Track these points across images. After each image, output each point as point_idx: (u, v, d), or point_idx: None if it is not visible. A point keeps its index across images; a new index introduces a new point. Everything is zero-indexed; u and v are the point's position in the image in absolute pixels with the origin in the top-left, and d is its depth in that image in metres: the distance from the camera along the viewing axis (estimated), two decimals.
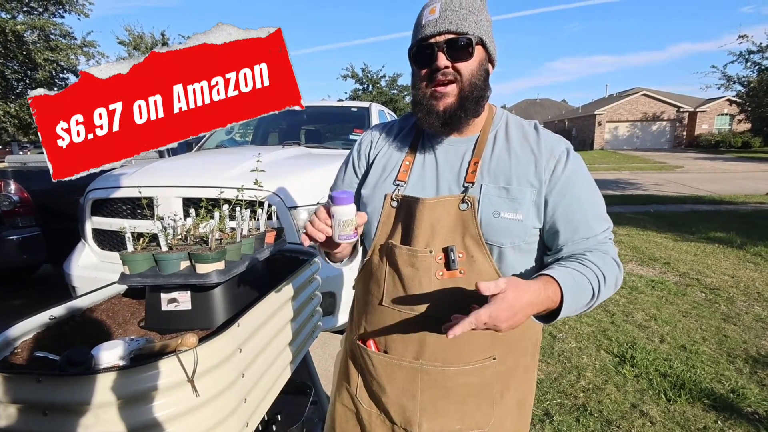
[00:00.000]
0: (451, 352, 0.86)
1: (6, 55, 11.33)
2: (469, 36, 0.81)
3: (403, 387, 0.89)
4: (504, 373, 0.90)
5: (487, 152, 0.87)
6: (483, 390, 0.88)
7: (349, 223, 0.77)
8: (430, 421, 0.88)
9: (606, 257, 0.82)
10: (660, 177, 14.03)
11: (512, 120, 0.92)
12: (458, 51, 0.82)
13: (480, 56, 0.84)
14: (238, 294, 1.04)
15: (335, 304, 2.24)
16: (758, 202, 8.49)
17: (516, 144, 0.87)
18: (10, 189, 3.15)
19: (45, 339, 0.94)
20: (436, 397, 0.88)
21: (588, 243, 0.84)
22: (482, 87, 0.85)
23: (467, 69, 0.83)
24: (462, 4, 0.82)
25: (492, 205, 0.82)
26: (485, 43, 0.84)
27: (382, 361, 0.91)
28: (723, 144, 26.88)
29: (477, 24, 0.82)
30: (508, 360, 0.90)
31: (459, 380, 0.87)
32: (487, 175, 0.85)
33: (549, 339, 2.73)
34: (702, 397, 2.07)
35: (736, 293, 3.50)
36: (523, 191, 0.83)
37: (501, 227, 0.82)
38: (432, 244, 0.83)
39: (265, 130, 4.17)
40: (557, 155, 0.85)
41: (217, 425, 0.82)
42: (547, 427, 1.89)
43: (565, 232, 0.84)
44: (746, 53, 14.59)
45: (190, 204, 2.15)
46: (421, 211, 0.84)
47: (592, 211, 0.85)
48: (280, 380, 1.15)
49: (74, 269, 2.46)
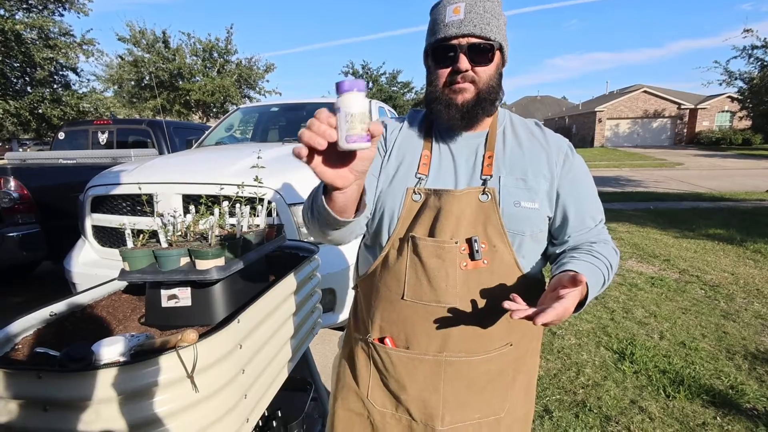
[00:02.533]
0: (474, 342, 0.88)
1: (5, 53, 11.29)
2: (492, 42, 0.83)
3: (425, 381, 0.89)
4: (517, 358, 0.94)
5: (499, 146, 0.90)
6: (500, 376, 0.92)
7: (361, 117, 0.54)
8: (453, 413, 0.89)
9: (607, 246, 0.89)
10: (660, 174, 14.02)
11: (516, 117, 0.97)
12: (480, 55, 0.83)
13: (497, 61, 0.87)
14: (238, 290, 1.04)
15: (335, 300, 2.24)
16: (758, 199, 8.49)
17: (524, 139, 0.91)
18: (9, 186, 3.15)
19: (45, 335, 0.94)
20: (459, 388, 0.89)
21: (590, 233, 0.90)
22: (497, 89, 0.88)
23: (485, 73, 0.85)
24: (486, 7, 0.83)
25: (512, 196, 0.85)
26: (503, 48, 0.87)
27: (402, 357, 0.90)
28: (724, 141, 26.85)
29: (498, 29, 0.84)
30: (522, 345, 0.94)
31: (481, 369, 0.89)
32: (503, 167, 0.87)
33: (549, 336, 2.73)
34: (701, 394, 2.08)
35: (735, 290, 3.50)
36: (538, 182, 0.87)
37: (522, 216, 0.85)
38: (456, 235, 0.84)
39: (265, 127, 4.16)
40: (564, 150, 0.91)
41: (217, 421, 0.83)
42: (546, 423, 1.90)
43: (573, 223, 0.89)
44: (749, 48, 14.51)
45: (190, 200, 2.15)
46: (450, 203, 0.84)
47: (592, 203, 0.92)
48: (280, 376, 1.15)
49: (74, 266, 2.46)
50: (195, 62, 17.90)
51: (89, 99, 13.68)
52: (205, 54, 17.90)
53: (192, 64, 17.75)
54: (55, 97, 12.66)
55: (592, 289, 0.78)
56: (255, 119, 4.31)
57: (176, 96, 17.70)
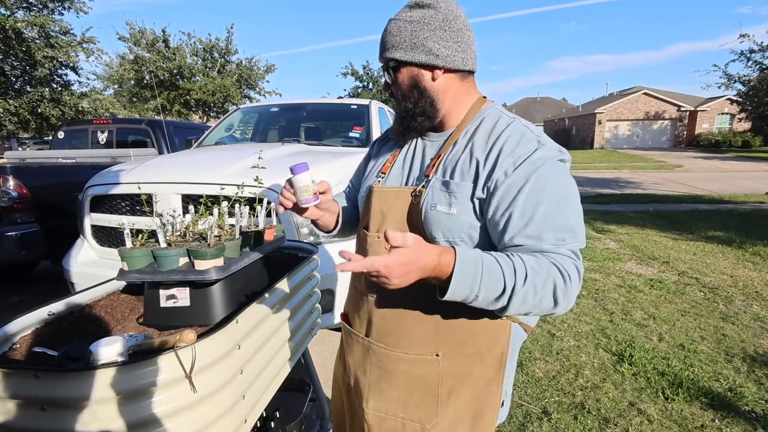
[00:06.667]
0: (392, 336, 0.92)
1: (6, 51, 11.27)
2: (386, 61, 0.89)
3: (358, 361, 0.99)
4: (452, 374, 0.88)
5: (450, 148, 0.89)
6: (426, 385, 0.90)
7: (306, 189, 0.89)
8: (376, 399, 0.94)
9: (546, 262, 0.73)
10: (660, 176, 14.03)
11: (491, 116, 0.88)
12: (389, 74, 0.91)
13: (408, 74, 0.88)
14: (237, 290, 1.04)
15: (334, 301, 2.24)
16: (758, 201, 8.49)
17: (478, 139, 0.84)
18: (8, 185, 3.14)
19: (44, 335, 0.94)
20: (380, 377, 0.94)
21: (540, 253, 0.76)
22: (416, 100, 0.89)
23: (396, 91, 0.92)
24: (390, 28, 0.87)
25: (432, 198, 0.85)
26: (405, 60, 0.87)
27: (347, 332, 1.03)
28: (723, 143, 26.87)
29: (398, 44, 0.87)
30: (457, 362, 0.88)
31: (399, 366, 0.91)
32: (440, 169, 0.87)
33: (548, 337, 2.73)
34: (700, 396, 2.08)
35: (734, 292, 3.50)
36: (461, 186, 0.82)
37: (435, 220, 0.84)
38: (382, 230, 0.89)
39: (265, 128, 4.16)
40: (516, 154, 0.78)
41: (215, 421, 0.82)
42: (545, 425, 1.89)
43: (501, 236, 0.78)
44: (747, 52, 14.57)
45: (189, 200, 2.14)
46: (372, 198, 0.93)
47: (539, 217, 0.76)
48: (278, 377, 1.15)
49: (73, 265, 2.46)
50: (195, 62, 17.91)
51: (89, 98, 13.68)
52: (205, 54, 17.91)
53: (192, 64, 17.76)
54: (54, 96, 12.65)
55: (464, 276, 0.69)
56: (255, 119, 4.31)
57: (176, 96, 17.69)
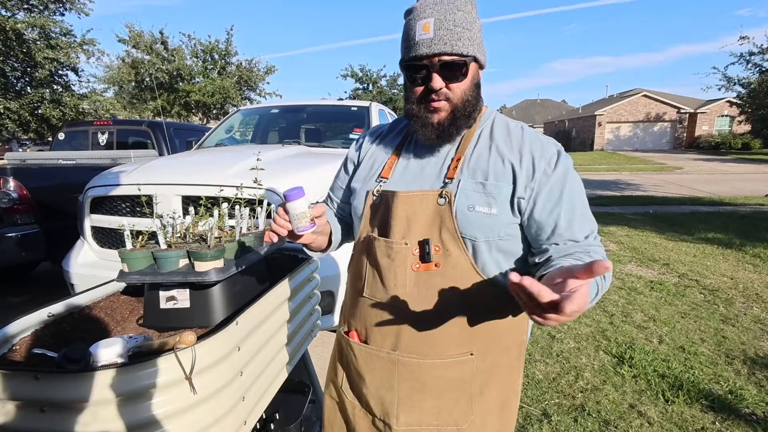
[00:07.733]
0: (426, 345, 0.87)
1: (6, 52, 11.30)
2: (464, 57, 0.82)
3: (381, 378, 0.91)
4: (484, 371, 0.90)
5: (470, 149, 0.89)
6: (461, 386, 0.88)
7: (302, 216, 0.82)
8: (407, 413, 0.89)
9: (591, 254, 0.82)
10: (660, 178, 14.04)
11: (499, 119, 0.93)
12: (452, 72, 0.83)
13: (473, 72, 0.86)
14: (237, 292, 1.04)
15: (334, 303, 2.24)
16: (758, 203, 8.50)
17: (500, 141, 0.88)
18: (9, 186, 3.14)
19: (43, 336, 0.94)
20: (412, 389, 0.89)
21: (579, 246, 0.82)
22: (474, 102, 0.87)
23: (460, 89, 0.85)
24: (456, 21, 0.81)
25: (467, 199, 0.84)
26: (478, 59, 0.86)
27: (362, 351, 0.93)
28: (723, 145, 26.89)
29: (471, 41, 0.83)
30: (488, 357, 0.90)
31: (434, 373, 0.87)
32: (467, 170, 0.86)
33: (548, 339, 2.73)
34: (700, 398, 2.07)
35: (734, 294, 3.50)
36: (499, 187, 0.83)
37: (475, 221, 0.83)
38: (408, 236, 0.86)
39: (265, 129, 4.16)
40: (547, 156, 0.84)
41: (214, 423, 0.82)
42: (545, 427, 1.89)
43: (551, 233, 0.83)
44: (747, 55, 14.61)
45: (190, 202, 2.15)
46: (396, 204, 0.87)
47: (577, 214, 0.83)
48: (278, 379, 1.15)
49: (73, 267, 2.46)
50: (195, 63, 17.94)
51: (89, 100, 13.69)
52: (205, 55, 17.93)
53: (192, 66, 17.78)
54: (55, 97, 12.67)
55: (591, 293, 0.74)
56: (255, 121, 4.32)
57: (176, 97, 17.71)
